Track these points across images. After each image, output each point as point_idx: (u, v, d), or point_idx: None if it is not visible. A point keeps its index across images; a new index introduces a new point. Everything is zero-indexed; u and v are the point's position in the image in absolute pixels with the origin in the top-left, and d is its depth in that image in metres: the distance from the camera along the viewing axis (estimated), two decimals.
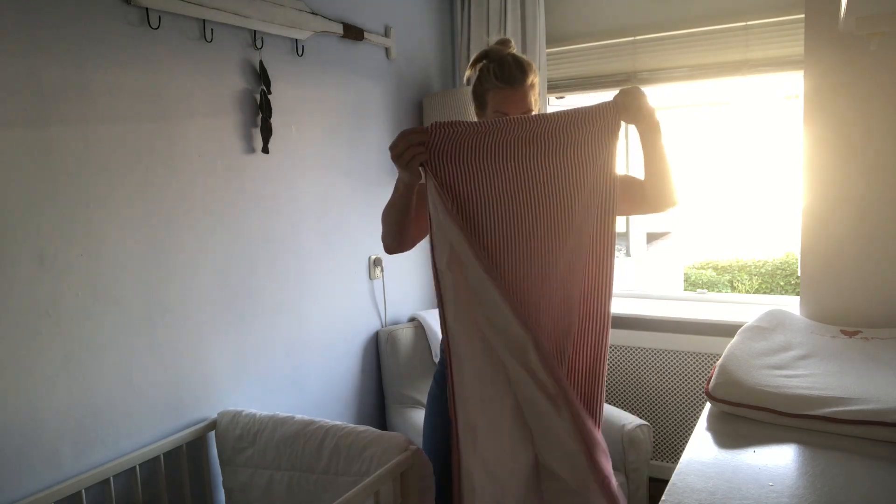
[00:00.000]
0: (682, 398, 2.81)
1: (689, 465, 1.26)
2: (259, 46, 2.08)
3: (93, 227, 1.63)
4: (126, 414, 1.72)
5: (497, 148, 1.45)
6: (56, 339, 1.56)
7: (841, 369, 1.57)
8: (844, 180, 2.04)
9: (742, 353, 1.68)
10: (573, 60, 3.00)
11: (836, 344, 1.79)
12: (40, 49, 1.51)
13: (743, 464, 1.27)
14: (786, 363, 1.64)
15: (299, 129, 2.26)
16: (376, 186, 2.66)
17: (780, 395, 1.43)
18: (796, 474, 1.23)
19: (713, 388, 1.53)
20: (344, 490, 1.70)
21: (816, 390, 1.44)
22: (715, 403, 1.51)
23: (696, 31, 2.71)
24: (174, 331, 1.84)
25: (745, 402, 1.46)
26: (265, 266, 2.14)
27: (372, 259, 2.64)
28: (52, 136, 1.54)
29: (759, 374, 1.54)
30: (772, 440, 1.36)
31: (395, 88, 2.76)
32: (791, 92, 2.76)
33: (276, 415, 1.90)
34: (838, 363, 1.62)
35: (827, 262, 2.09)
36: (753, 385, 1.49)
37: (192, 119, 1.88)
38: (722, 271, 8.30)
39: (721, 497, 1.12)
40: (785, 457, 1.31)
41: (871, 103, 1.99)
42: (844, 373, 1.55)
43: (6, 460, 1.47)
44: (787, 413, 1.40)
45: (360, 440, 1.72)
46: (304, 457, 1.79)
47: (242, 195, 2.05)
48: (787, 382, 1.49)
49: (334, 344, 2.42)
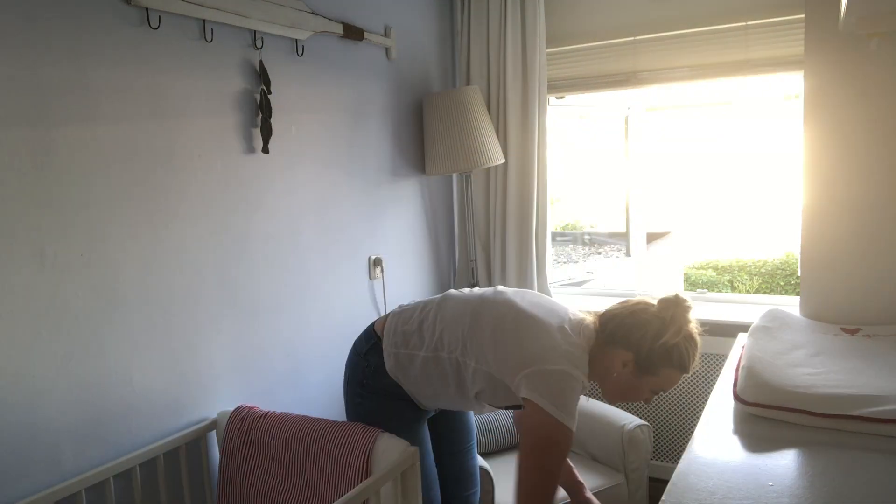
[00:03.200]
0: (683, 398, 2.81)
1: (688, 465, 1.26)
2: (259, 46, 2.08)
3: (93, 227, 1.63)
4: (126, 414, 1.72)
5: None
6: (56, 339, 1.56)
7: (855, 367, 1.57)
8: (844, 180, 2.04)
9: (763, 354, 1.67)
10: (573, 60, 3.00)
11: (839, 342, 1.79)
12: (40, 49, 1.51)
13: (743, 464, 1.27)
14: (802, 361, 1.64)
15: (299, 129, 2.26)
16: (376, 186, 2.66)
17: (814, 396, 1.41)
18: (796, 474, 1.23)
19: (742, 392, 1.52)
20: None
21: (846, 389, 1.42)
22: (747, 407, 1.49)
23: (696, 31, 2.71)
24: (174, 331, 1.84)
25: (779, 405, 1.44)
26: (265, 266, 2.14)
27: (372, 259, 2.64)
28: (52, 136, 1.54)
29: (784, 374, 1.53)
30: (803, 442, 1.34)
31: (395, 88, 2.76)
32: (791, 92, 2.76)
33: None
34: (850, 361, 1.62)
35: (827, 262, 2.09)
36: (783, 386, 1.47)
37: (192, 119, 1.88)
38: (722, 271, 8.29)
39: (721, 497, 1.12)
40: (785, 457, 1.31)
41: (870, 103, 1.99)
42: (860, 371, 1.54)
43: (6, 460, 1.47)
44: (823, 414, 1.38)
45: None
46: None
47: (242, 195, 2.05)
48: (816, 381, 1.48)
49: (334, 344, 2.42)
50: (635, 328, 1.52)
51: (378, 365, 1.74)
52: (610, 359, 1.55)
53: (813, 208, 2.10)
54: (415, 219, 2.94)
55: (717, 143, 7.10)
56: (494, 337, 1.60)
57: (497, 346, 1.59)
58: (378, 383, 1.74)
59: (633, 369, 1.53)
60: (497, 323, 1.62)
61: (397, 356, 1.71)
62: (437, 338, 1.67)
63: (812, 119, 2.06)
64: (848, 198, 2.04)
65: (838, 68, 2.01)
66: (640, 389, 1.56)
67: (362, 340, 1.83)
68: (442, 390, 1.70)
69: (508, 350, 1.57)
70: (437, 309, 1.74)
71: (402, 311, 1.80)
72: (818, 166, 2.07)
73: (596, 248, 4.97)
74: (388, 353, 1.73)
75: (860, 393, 1.40)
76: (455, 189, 3.23)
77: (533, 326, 1.59)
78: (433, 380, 1.69)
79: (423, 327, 1.71)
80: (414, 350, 1.69)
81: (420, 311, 1.76)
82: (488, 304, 1.68)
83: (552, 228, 3.23)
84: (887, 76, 1.95)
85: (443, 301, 1.76)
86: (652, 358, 1.50)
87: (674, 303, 1.51)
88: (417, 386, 1.72)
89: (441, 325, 1.68)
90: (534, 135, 2.91)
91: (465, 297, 1.75)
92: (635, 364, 1.52)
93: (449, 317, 1.70)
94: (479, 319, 1.65)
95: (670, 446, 2.87)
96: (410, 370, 1.70)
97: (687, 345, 1.50)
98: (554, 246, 3.65)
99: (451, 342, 1.65)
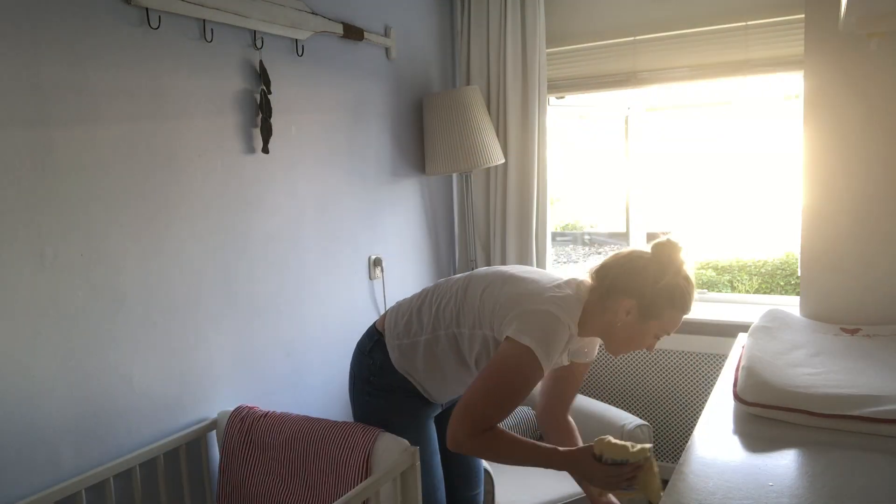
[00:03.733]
0: (683, 398, 2.81)
1: (688, 464, 1.26)
2: (259, 46, 2.08)
3: (93, 227, 1.63)
4: (126, 414, 1.72)
5: None
6: (56, 338, 1.56)
7: (856, 367, 1.57)
8: (844, 180, 2.04)
9: (763, 354, 1.67)
10: (573, 60, 3.00)
11: (839, 342, 1.79)
12: (40, 49, 1.51)
13: (743, 464, 1.27)
14: (802, 361, 1.64)
15: (299, 129, 2.26)
16: (376, 186, 2.66)
17: (815, 396, 1.41)
18: (796, 474, 1.23)
19: (742, 392, 1.51)
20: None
21: (847, 389, 1.42)
22: (747, 407, 1.49)
23: (696, 31, 2.71)
24: (174, 331, 1.84)
25: (779, 405, 1.44)
26: (265, 266, 2.14)
27: (372, 259, 2.64)
28: (52, 136, 1.54)
29: (784, 374, 1.53)
30: (803, 442, 1.34)
31: (395, 88, 2.76)
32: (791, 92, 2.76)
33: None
34: (850, 361, 1.62)
35: (827, 262, 2.09)
36: (784, 386, 1.47)
37: (193, 119, 1.88)
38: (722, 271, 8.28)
39: (721, 497, 1.12)
40: (785, 457, 1.31)
41: (870, 103, 1.99)
42: (860, 371, 1.54)
43: (6, 460, 1.47)
44: (823, 414, 1.38)
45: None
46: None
47: (242, 195, 2.05)
48: (816, 381, 1.48)
49: (334, 344, 2.42)
50: (634, 274, 1.52)
51: (383, 361, 1.74)
52: (613, 310, 1.54)
53: (813, 208, 2.10)
54: (415, 219, 2.94)
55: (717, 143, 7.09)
56: (483, 296, 1.63)
57: (485, 302, 1.61)
58: (384, 380, 1.75)
59: (636, 316, 1.53)
60: (486, 285, 1.65)
61: (401, 347, 1.72)
62: (433, 317, 1.69)
63: (812, 119, 2.06)
64: (848, 198, 2.04)
65: (838, 68, 2.01)
66: (645, 335, 1.56)
67: (365, 339, 1.83)
68: (448, 371, 1.70)
69: (498, 302, 1.58)
70: (432, 292, 1.76)
71: (399, 305, 1.82)
72: (818, 166, 2.07)
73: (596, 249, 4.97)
74: (392, 346, 1.73)
75: (860, 393, 1.40)
76: (455, 189, 3.23)
77: (521, 281, 1.61)
78: (437, 361, 1.69)
79: (422, 312, 1.73)
80: (415, 337, 1.70)
81: (416, 299, 1.79)
82: (478, 275, 1.72)
83: (552, 228, 3.22)
84: (887, 76, 1.95)
85: (437, 285, 1.79)
86: (656, 300, 1.50)
87: (668, 245, 1.53)
88: (426, 374, 1.72)
89: (435, 304, 1.71)
90: (534, 135, 2.91)
91: (456, 277, 1.78)
92: (639, 310, 1.52)
93: (443, 295, 1.72)
94: (470, 287, 1.68)
95: (670, 446, 2.87)
96: (416, 359, 1.70)
97: (686, 284, 1.52)
98: (554, 246, 3.64)
99: (447, 317, 1.67)
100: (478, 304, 1.63)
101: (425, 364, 1.70)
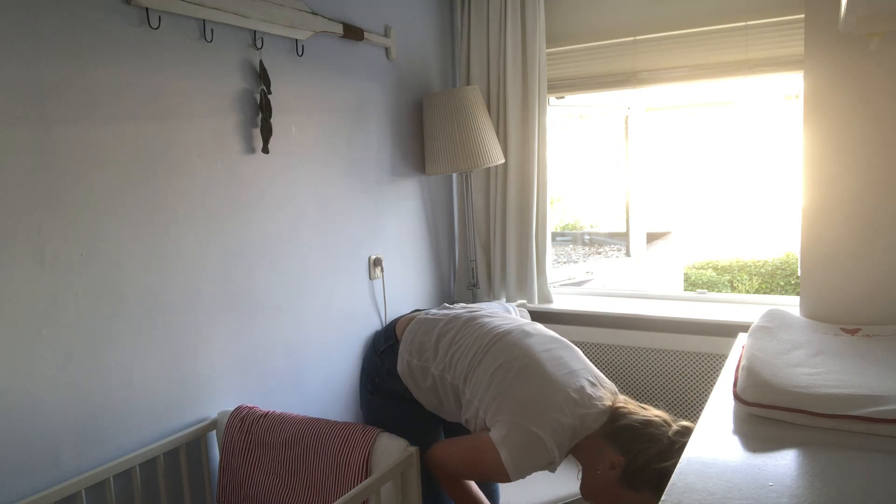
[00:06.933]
0: (682, 398, 2.81)
1: (689, 465, 1.26)
2: (259, 46, 2.08)
3: (93, 227, 1.63)
4: (126, 414, 1.72)
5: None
6: (56, 339, 1.56)
7: (856, 367, 1.56)
8: (844, 180, 2.04)
9: (763, 354, 1.66)
10: (573, 60, 3.00)
11: (839, 342, 1.79)
12: (40, 49, 1.51)
13: (743, 464, 1.27)
14: (802, 361, 1.64)
15: (299, 129, 2.26)
16: (376, 186, 2.66)
17: (815, 396, 1.40)
18: (796, 474, 1.23)
19: (742, 392, 1.51)
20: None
21: (846, 388, 1.42)
22: (747, 407, 1.49)
23: (696, 31, 2.71)
24: (174, 331, 1.84)
25: (779, 405, 1.43)
26: (265, 266, 2.14)
27: (372, 259, 2.64)
28: (52, 136, 1.54)
29: (784, 373, 1.53)
30: (803, 442, 1.33)
31: (395, 88, 2.76)
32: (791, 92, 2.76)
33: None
34: (850, 361, 1.61)
35: (827, 262, 2.08)
36: (783, 386, 1.47)
37: (192, 119, 1.88)
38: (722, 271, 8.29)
39: (721, 497, 1.12)
40: (785, 457, 1.31)
41: (870, 103, 1.99)
42: (861, 371, 1.54)
43: (6, 460, 1.47)
44: (823, 414, 1.38)
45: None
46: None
47: (242, 195, 2.05)
48: (816, 381, 1.47)
49: (334, 344, 2.42)
50: (643, 439, 1.46)
51: (391, 366, 1.76)
52: (601, 454, 1.49)
53: (813, 208, 2.10)
54: (415, 219, 2.94)
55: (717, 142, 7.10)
56: (493, 374, 1.59)
57: (492, 383, 1.58)
58: (388, 384, 1.76)
59: (618, 475, 1.47)
60: (503, 363, 1.59)
61: (410, 364, 1.73)
62: (448, 359, 1.68)
63: (812, 119, 2.06)
64: (848, 198, 2.04)
65: (838, 68, 2.01)
66: (616, 498, 1.48)
67: (381, 338, 1.84)
68: (447, 405, 1.74)
69: (501, 392, 1.55)
70: (459, 329, 1.72)
71: (426, 320, 1.79)
72: (818, 166, 2.07)
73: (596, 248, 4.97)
74: (403, 360, 1.75)
75: (860, 393, 1.39)
76: (455, 189, 3.23)
77: (538, 381, 1.54)
78: (438, 395, 1.72)
79: (440, 344, 1.71)
80: (427, 363, 1.71)
81: (443, 326, 1.75)
82: (506, 344, 1.64)
83: (552, 228, 3.23)
84: (887, 76, 1.95)
85: (467, 323, 1.73)
86: (643, 475, 1.44)
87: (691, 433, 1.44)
88: (427, 395, 1.75)
89: (455, 347, 1.68)
90: (534, 135, 2.91)
91: (489, 328, 1.71)
92: (623, 472, 1.46)
93: (465, 342, 1.68)
94: (489, 355, 1.63)
95: None
96: (421, 381, 1.72)
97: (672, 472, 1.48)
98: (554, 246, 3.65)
99: (457, 371, 1.65)
100: (486, 380, 1.59)
101: (428, 389, 1.73)
